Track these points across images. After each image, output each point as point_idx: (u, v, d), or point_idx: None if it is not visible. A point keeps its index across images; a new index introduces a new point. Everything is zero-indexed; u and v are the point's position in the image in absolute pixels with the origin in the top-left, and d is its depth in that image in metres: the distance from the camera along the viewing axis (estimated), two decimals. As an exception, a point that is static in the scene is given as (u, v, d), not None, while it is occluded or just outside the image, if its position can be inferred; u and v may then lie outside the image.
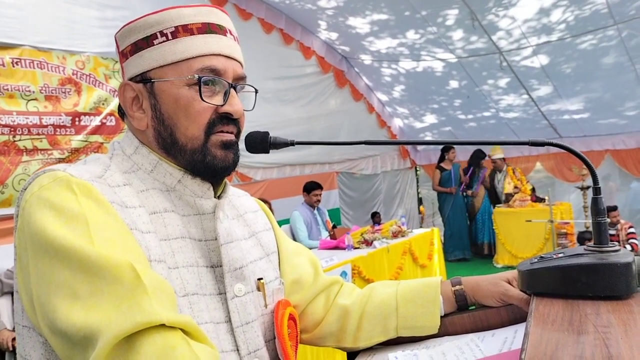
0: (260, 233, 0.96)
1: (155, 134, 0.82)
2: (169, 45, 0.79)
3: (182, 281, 0.75)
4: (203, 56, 0.80)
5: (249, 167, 5.95)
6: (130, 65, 0.82)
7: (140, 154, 0.82)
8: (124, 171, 0.80)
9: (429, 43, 6.54)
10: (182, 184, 0.82)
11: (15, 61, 3.81)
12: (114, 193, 0.73)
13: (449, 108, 7.96)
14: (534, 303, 0.72)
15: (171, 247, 0.76)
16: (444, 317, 0.95)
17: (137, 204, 0.75)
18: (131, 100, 0.83)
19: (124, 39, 0.82)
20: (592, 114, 7.15)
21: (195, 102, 0.79)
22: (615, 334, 0.55)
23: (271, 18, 6.24)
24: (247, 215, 0.96)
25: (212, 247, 0.81)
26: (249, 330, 0.81)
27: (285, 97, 6.52)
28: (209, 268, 0.80)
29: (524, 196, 6.97)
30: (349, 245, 4.54)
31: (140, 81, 0.81)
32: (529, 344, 0.55)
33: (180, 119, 0.80)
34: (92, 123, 4.30)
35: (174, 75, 0.79)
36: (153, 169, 0.82)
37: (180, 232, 0.79)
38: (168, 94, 0.80)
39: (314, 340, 1.03)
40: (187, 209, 0.82)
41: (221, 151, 0.82)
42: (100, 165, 0.78)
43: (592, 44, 5.92)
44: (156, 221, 0.77)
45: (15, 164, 3.84)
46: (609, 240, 0.75)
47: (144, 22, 0.80)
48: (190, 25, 0.80)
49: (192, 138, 0.80)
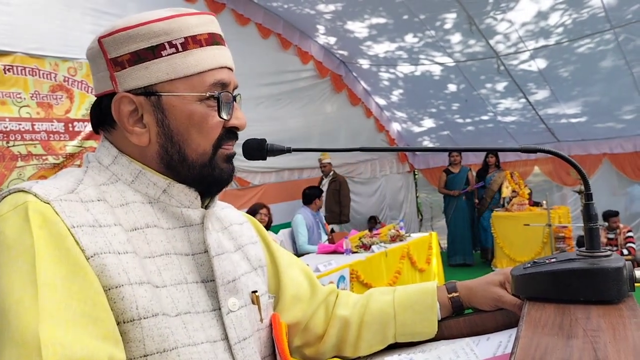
0: (247, 246, 0.92)
1: (161, 150, 0.77)
2: (179, 58, 0.75)
3: (173, 300, 0.71)
4: (213, 70, 0.78)
5: (247, 171, 5.96)
6: (130, 77, 0.75)
7: (119, 164, 0.77)
8: (100, 184, 0.75)
9: (427, 47, 6.57)
10: (167, 194, 0.78)
11: (8, 68, 3.82)
12: (86, 210, 0.69)
13: (447, 112, 7.97)
14: (526, 307, 0.73)
15: (156, 265, 0.72)
16: (440, 322, 0.95)
17: (112, 221, 0.70)
18: (128, 114, 0.76)
19: (118, 45, 0.75)
20: (590, 117, 7.17)
21: (209, 118, 0.77)
22: (603, 338, 0.56)
23: (269, 23, 6.26)
24: (232, 228, 0.92)
25: (201, 261, 0.77)
26: (247, 347, 0.78)
27: (283, 102, 6.54)
28: (199, 284, 0.76)
29: (522, 200, 6.99)
30: (347, 250, 4.55)
31: (142, 94, 0.76)
32: (519, 348, 0.56)
33: (192, 135, 0.77)
34: (86, 129, 4.31)
35: (186, 89, 0.76)
36: (134, 180, 0.77)
37: (165, 248, 0.74)
38: (180, 110, 0.76)
39: (317, 355, 1.01)
40: (172, 221, 0.77)
41: (226, 164, 0.81)
42: (72, 179, 0.73)
43: (589, 47, 5.95)
44: (138, 238, 0.72)
45: (10, 169, 3.85)
46: (608, 244, 0.76)
47: (149, 30, 0.75)
48: (198, 36, 0.77)
49: (203, 154, 0.78)
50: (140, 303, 0.66)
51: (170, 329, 0.68)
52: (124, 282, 0.66)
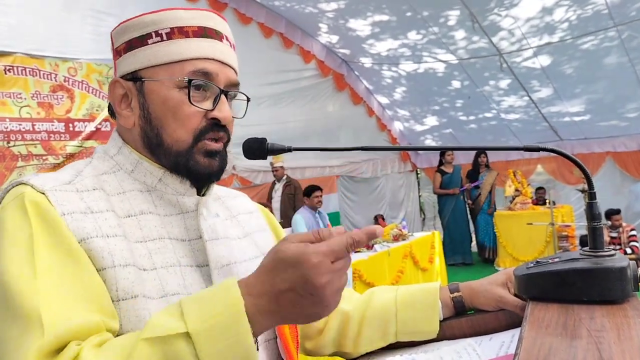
0: (255, 233, 0.95)
1: (142, 133, 0.81)
2: (162, 46, 0.79)
3: (161, 282, 0.74)
4: (196, 59, 0.79)
5: (249, 170, 5.97)
6: (123, 63, 0.82)
7: (122, 154, 0.83)
8: (102, 172, 0.80)
9: (430, 44, 6.56)
10: (163, 182, 0.81)
11: (8, 68, 3.83)
12: (80, 199, 0.74)
13: (451, 109, 7.96)
14: (529, 308, 0.72)
15: (148, 249, 0.75)
16: (442, 322, 0.95)
17: (104, 208, 0.75)
18: (120, 98, 0.83)
19: (119, 36, 0.82)
20: (593, 116, 7.15)
21: (184, 105, 0.79)
22: (608, 338, 0.56)
23: (271, 22, 6.26)
24: (241, 217, 0.95)
25: (197, 247, 0.80)
26: None
27: (284, 101, 6.54)
28: (193, 267, 0.79)
29: (525, 199, 6.97)
30: (349, 249, 4.54)
31: (131, 79, 0.81)
32: (522, 348, 0.55)
33: (168, 121, 0.79)
34: (87, 129, 4.32)
35: (165, 76, 0.79)
36: (134, 169, 0.82)
37: (159, 233, 0.78)
38: (157, 95, 0.79)
39: (317, 348, 1.02)
40: (168, 208, 0.81)
41: (204, 159, 0.81)
42: (72, 171, 0.79)
43: (593, 44, 5.93)
44: (130, 224, 0.76)
45: (10, 169, 3.86)
46: (611, 243, 0.75)
47: (140, 21, 0.80)
48: (186, 27, 0.79)
49: (179, 140, 0.80)
50: (121, 285, 0.70)
51: (149, 310, 0.71)
52: (108, 265, 0.70)
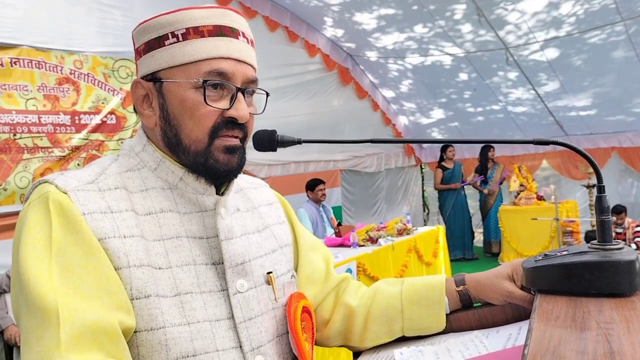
0: (274, 226, 0.97)
1: (162, 133, 0.83)
2: (178, 47, 0.80)
3: (175, 280, 0.76)
4: (212, 59, 0.80)
5: (253, 164, 5.97)
6: (143, 64, 0.84)
7: (147, 151, 0.85)
8: (127, 169, 0.82)
9: (437, 37, 6.52)
10: (183, 181, 0.83)
11: (14, 61, 3.84)
12: (102, 198, 0.76)
13: (458, 101, 7.91)
14: (537, 300, 0.72)
15: (165, 247, 0.77)
16: (449, 315, 0.95)
17: (124, 207, 0.77)
18: (142, 98, 0.85)
19: (139, 37, 0.84)
20: (599, 110, 7.11)
21: (200, 106, 0.80)
22: (617, 330, 0.56)
23: (276, 16, 6.24)
24: (261, 209, 0.97)
25: (214, 244, 0.82)
26: (252, 326, 0.82)
27: (289, 95, 6.53)
28: (209, 265, 0.81)
29: (529, 194, 6.95)
30: (354, 243, 4.55)
31: (151, 80, 0.83)
32: (532, 340, 0.56)
33: (185, 121, 0.81)
34: (93, 121, 4.33)
35: (181, 77, 0.80)
36: (157, 167, 0.83)
37: (177, 232, 0.80)
38: (175, 95, 0.81)
39: (323, 340, 1.03)
40: (188, 206, 0.83)
41: (224, 155, 0.82)
42: (97, 169, 0.81)
43: (600, 38, 5.89)
44: (150, 222, 0.78)
45: (16, 161, 3.87)
46: (616, 238, 0.76)
47: (157, 22, 0.81)
48: (201, 27, 0.80)
49: (196, 140, 0.81)
50: (135, 285, 0.72)
51: (161, 309, 0.74)
52: (123, 265, 0.72)
